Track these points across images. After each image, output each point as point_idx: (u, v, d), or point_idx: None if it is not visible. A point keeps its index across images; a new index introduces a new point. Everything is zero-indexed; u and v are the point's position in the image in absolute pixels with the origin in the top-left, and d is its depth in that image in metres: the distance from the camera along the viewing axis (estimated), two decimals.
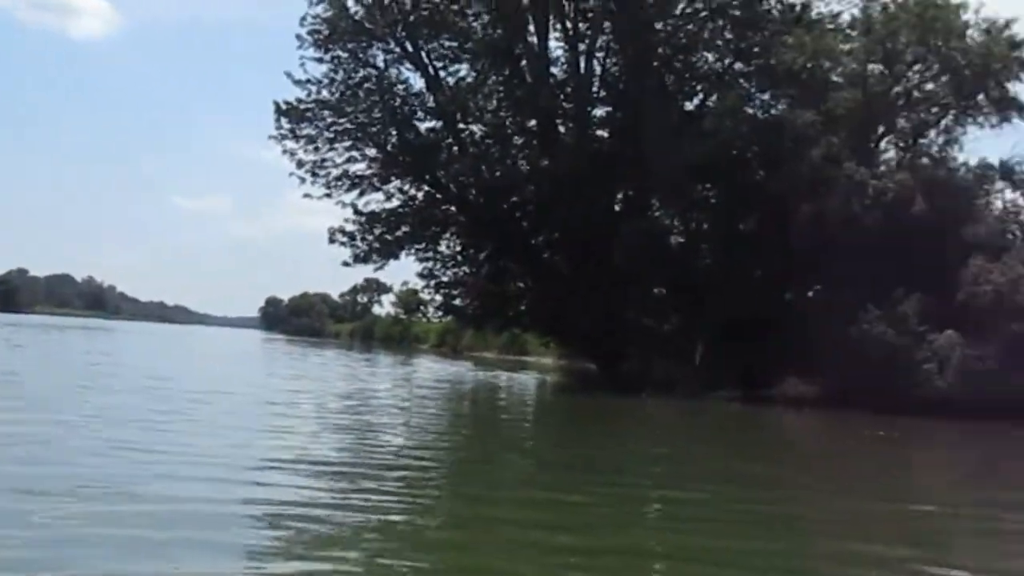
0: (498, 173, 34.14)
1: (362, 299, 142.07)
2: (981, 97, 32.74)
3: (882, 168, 32.27)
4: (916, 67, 33.24)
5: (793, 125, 31.13)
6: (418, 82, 34.56)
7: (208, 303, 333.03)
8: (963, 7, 32.22)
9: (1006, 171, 31.99)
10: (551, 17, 32.43)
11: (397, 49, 34.18)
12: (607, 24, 33.17)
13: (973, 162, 32.78)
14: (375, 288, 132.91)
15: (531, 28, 32.84)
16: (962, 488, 15.18)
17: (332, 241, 36.45)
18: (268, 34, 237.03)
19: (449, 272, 37.24)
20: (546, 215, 33.32)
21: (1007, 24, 32.03)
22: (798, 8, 33.56)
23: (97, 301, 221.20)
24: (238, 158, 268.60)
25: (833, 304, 29.47)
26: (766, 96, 33.72)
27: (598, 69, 33.65)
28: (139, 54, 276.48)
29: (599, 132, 34.40)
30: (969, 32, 32.39)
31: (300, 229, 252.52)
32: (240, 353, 53.52)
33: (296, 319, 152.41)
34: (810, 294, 33.23)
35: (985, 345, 27.26)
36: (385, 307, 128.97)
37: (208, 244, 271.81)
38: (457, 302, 37.92)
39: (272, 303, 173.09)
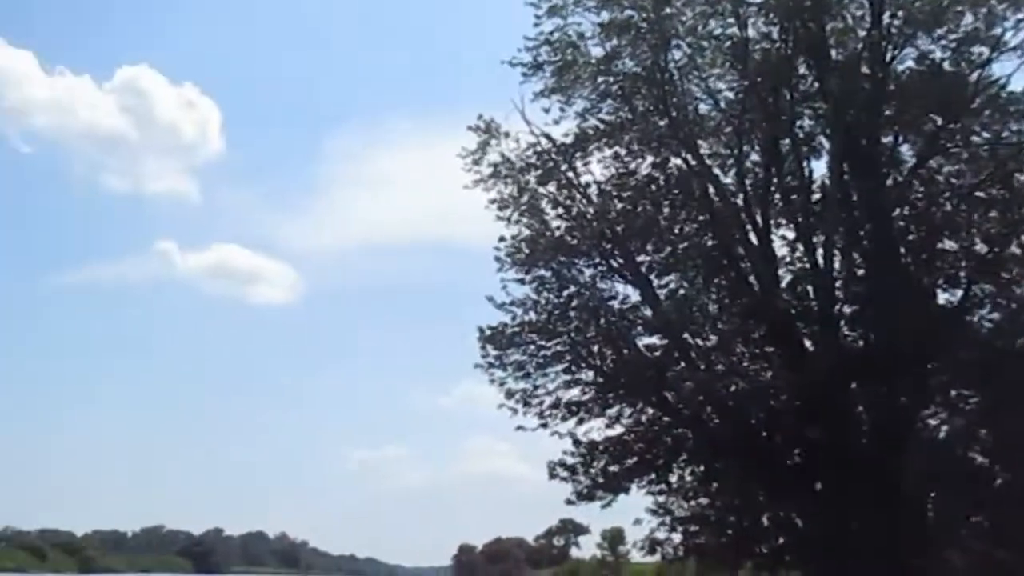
0: (736, 388, 30.23)
1: (558, 542, 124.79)
2: None
3: None
4: None
5: None
6: (630, 296, 31.14)
7: (398, 553, 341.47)
8: None
9: None
10: (771, 217, 30.03)
11: (604, 263, 30.94)
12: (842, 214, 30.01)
13: None
14: (571, 529, 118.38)
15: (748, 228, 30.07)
16: None
17: (553, 476, 31.45)
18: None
19: (687, 505, 32.24)
20: (799, 431, 29.38)
21: None
22: None
23: (290, 558, 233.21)
24: (412, 409, 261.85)
25: None
26: None
27: (836, 264, 30.12)
28: (317, 316, 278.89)
29: (846, 333, 30.42)
30: None
31: (484, 474, 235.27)
32: None
33: (491, 566, 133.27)
34: None
35: None
36: (583, 549, 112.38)
37: (391, 494, 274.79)
38: (701, 540, 32.30)
39: (465, 551, 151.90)
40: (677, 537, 32.93)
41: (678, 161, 30.47)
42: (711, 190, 30.29)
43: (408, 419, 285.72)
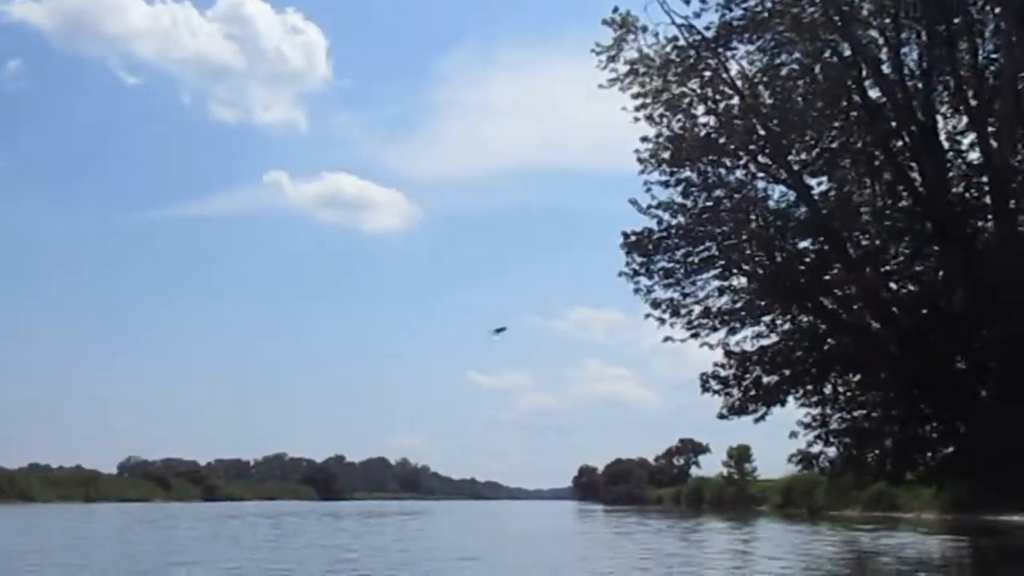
0: (899, 291, 29.67)
1: (678, 461, 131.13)
2: None
3: None
4: None
5: None
6: (783, 196, 30.47)
7: (519, 477, 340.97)
8: None
9: None
10: (936, 108, 28.65)
11: (754, 162, 29.92)
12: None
13: None
14: (691, 449, 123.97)
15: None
16: None
17: (705, 390, 31.07)
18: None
19: (845, 417, 31.18)
20: (968, 335, 28.19)
21: None
22: None
23: (411, 483, 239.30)
24: (528, 333, 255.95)
25: None
26: None
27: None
28: (430, 243, 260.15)
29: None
30: None
31: (602, 397, 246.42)
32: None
33: (613, 487, 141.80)
34: None
35: None
36: (704, 468, 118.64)
37: (510, 419, 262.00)
38: (858, 452, 31.11)
39: (586, 472, 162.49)
40: (833, 451, 31.64)
41: (831, 51, 28.63)
42: (867, 81, 28.46)
43: (525, 344, 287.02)
